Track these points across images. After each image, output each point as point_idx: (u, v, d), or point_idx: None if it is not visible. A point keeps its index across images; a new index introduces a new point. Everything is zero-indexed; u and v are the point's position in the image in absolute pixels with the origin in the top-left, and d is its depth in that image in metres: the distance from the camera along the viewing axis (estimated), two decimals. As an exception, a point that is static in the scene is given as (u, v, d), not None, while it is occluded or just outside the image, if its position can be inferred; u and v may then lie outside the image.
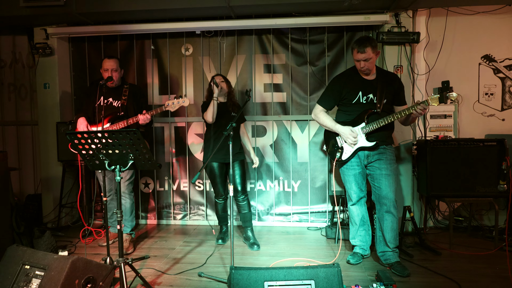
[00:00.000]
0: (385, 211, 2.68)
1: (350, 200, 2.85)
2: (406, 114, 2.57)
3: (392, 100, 2.75)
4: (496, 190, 3.12)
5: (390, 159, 2.71)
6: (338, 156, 2.77)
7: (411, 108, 2.53)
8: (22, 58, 4.23)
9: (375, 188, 2.73)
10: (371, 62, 2.64)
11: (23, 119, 4.29)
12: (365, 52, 2.59)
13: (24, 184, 4.33)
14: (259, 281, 1.99)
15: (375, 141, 2.66)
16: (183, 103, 3.00)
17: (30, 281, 2.10)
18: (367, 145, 2.68)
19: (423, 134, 3.68)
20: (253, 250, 3.14)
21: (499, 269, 2.64)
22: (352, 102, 2.73)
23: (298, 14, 3.60)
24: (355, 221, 2.86)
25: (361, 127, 2.69)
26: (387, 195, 2.66)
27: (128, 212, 3.16)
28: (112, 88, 3.13)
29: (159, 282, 2.50)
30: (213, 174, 3.23)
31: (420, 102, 2.51)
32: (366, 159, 2.74)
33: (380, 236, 2.75)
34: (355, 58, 2.66)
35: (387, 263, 2.71)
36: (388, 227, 2.68)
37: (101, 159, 2.20)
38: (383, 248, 2.73)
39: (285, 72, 3.89)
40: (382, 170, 2.68)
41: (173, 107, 3.00)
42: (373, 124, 2.63)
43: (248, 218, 3.25)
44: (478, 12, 3.63)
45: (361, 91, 2.71)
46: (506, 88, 3.71)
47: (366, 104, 2.71)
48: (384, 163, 2.69)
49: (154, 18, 3.71)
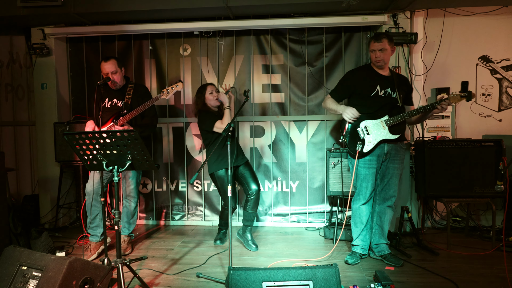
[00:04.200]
0: (388, 206, 2.82)
1: (362, 199, 2.80)
2: (429, 109, 2.61)
3: (404, 99, 2.81)
4: (493, 190, 3.13)
5: (402, 158, 2.82)
6: (359, 148, 2.73)
7: (435, 104, 2.58)
8: (19, 58, 4.21)
9: (383, 185, 2.79)
10: (386, 54, 2.71)
11: (21, 119, 4.27)
12: (381, 42, 2.68)
13: (21, 184, 4.31)
14: (257, 281, 1.99)
15: (399, 134, 2.70)
16: (177, 87, 2.88)
17: (27, 282, 2.09)
18: (391, 137, 2.70)
19: (420, 135, 3.69)
20: (251, 250, 3.13)
21: (496, 269, 2.65)
22: (370, 95, 2.74)
23: (296, 14, 3.61)
24: (362, 221, 2.83)
25: (384, 120, 2.70)
26: (394, 193, 2.81)
27: (129, 215, 3.15)
28: (116, 90, 3.06)
29: (157, 282, 2.50)
30: (225, 181, 3.07)
31: (445, 98, 2.56)
32: (385, 156, 2.75)
33: (377, 229, 2.84)
34: (371, 49, 2.74)
35: (380, 255, 2.82)
36: (387, 221, 2.84)
37: (99, 159, 2.19)
38: (378, 241, 2.84)
39: (283, 73, 3.89)
40: (395, 169, 2.78)
41: (168, 95, 2.89)
42: (397, 117, 2.67)
43: (251, 218, 3.21)
44: (475, 13, 3.65)
45: (379, 85, 2.74)
46: (503, 88, 3.73)
47: (384, 97, 2.73)
48: (397, 163, 2.78)
49: (152, 18, 3.70)
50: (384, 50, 2.69)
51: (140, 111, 2.87)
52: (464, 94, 2.53)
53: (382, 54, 2.69)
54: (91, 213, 3.01)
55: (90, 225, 3.04)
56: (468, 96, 2.53)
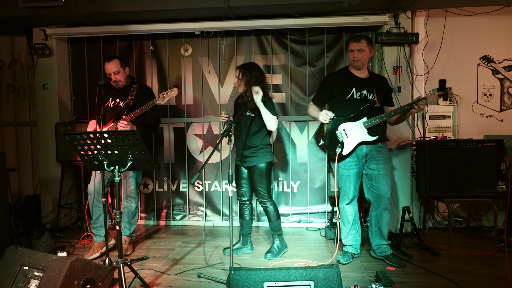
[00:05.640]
0: (383, 209, 2.81)
1: (346, 199, 2.88)
2: (407, 109, 2.63)
3: (383, 100, 2.84)
4: (495, 190, 3.12)
5: (386, 158, 2.81)
6: (339, 151, 2.77)
7: (413, 104, 2.59)
8: (21, 58, 4.22)
9: (373, 187, 2.80)
10: (364, 54, 2.75)
11: (22, 119, 4.28)
12: (360, 42, 2.73)
13: (22, 185, 4.32)
14: (258, 281, 1.99)
15: (377, 135, 2.72)
16: (172, 93, 2.89)
17: (29, 282, 2.10)
18: (369, 139, 2.73)
19: (422, 135, 3.68)
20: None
21: (498, 270, 2.64)
22: (346, 98, 2.79)
23: (297, 15, 3.60)
24: (348, 220, 2.90)
25: (363, 122, 2.73)
26: (386, 194, 2.78)
27: (130, 215, 3.15)
28: (120, 89, 3.06)
29: (158, 282, 2.50)
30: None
31: (422, 98, 2.57)
32: (365, 158, 2.79)
33: (376, 231, 2.85)
34: (350, 49, 2.79)
35: (382, 255, 2.82)
36: (385, 223, 2.83)
37: (100, 159, 2.19)
38: (379, 242, 2.85)
39: (284, 73, 3.89)
40: (381, 170, 2.77)
41: (163, 99, 2.88)
42: (375, 119, 2.70)
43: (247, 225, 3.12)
44: (476, 13, 3.64)
45: (355, 87, 2.78)
46: (504, 89, 3.72)
47: (360, 100, 2.77)
48: (382, 163, 2.78)
49: (153, 18, 3.70)
50: (362, 51, 2.73)
51: (137, 114, 2.87)
52: (441, 93, 2.57)
53: (360, 55, 2.74)
54: (93, 213, 3.04)
55: (93, 225, 3.07)
56: (444, 95, 2.56)
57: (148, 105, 2.86)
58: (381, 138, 2.76)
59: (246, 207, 3.08)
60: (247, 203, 3.08)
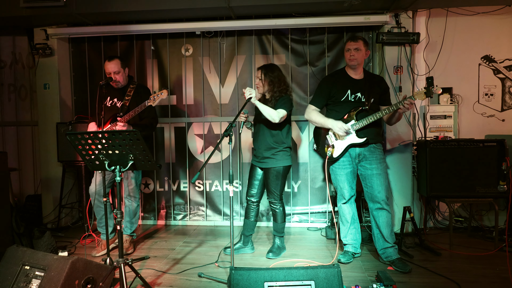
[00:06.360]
0: (379, 208, 2.79)
1: (342, 198, 2.89)
2: (393, 109, 2.65)
3: (378, 100, 2.84)
4: (496, 190, 3.12)
5: (380, 158, 2.80)
6: (330, 154, 2.82)
7: (399, 104, 2.60)
8: (22, 58, 4.23)
9: (367, 187, 2.82)
10: (360, 54, 2.76)
11: (23, 119, 4.29)
12: (357, 42, 2.75)
13: (24, 184, 4.32)
14: (259, 281, 1.99)
15: (365, 137, 2.72)
16: (162, 95, 2.88)
17: (30, 282, 2.10)
18: (358, 141, 2.74)
19: (423, 135, 3.68)
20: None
21: (499, 270, 2.64)
22: (341, 100, 2.81)
23: (298, 14, 3.60)
24: (347, 219, 2.91)
25: (351, 124, 2.75)
26: (379, 194, 2.77)
27: (131, 214, 3.16)
28: (118, 89, 3.07)
29: (159, 282, 2.50)
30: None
31: (407, 97, 2.57)
32: (358, 158, 2.81)
33: (378, 234, 2.83)
34: (347, 48, 2.80)
35: (389, 260, 2.77)
36: (384, 223, 2.78)
37: (101, 159, 2.20)
38: (383, 245, 2.80)
39: (285, 73, 3.87)
40: (373, 170, 2.77)
41: (154, 102, 2.87)
42: (362, 121, 2.71)
43: (251, 226, 3.11)
44: (478, 13, 3.64)
45: (350, 89, 2.79)
46: (506, 88, 3.71)
47: (354, 102, 2.79)
48: (375, 163, 2.78)
49: (154, 18, 3.71)
50: (359, 50, 2.74)
51: (131, 116, 2.87)
52: (424, 89, 2.58)
53: (356, 54, 2.74)
54: (97, 214, 3.08)
55: (99, 224, 3.14)
56: (427, 92, 2.56)
57: (140, 107, 2.86)
58: (371, 141, 2.74)
59: (254, 208, 3.07)
60: (255, 204, 3.07)
